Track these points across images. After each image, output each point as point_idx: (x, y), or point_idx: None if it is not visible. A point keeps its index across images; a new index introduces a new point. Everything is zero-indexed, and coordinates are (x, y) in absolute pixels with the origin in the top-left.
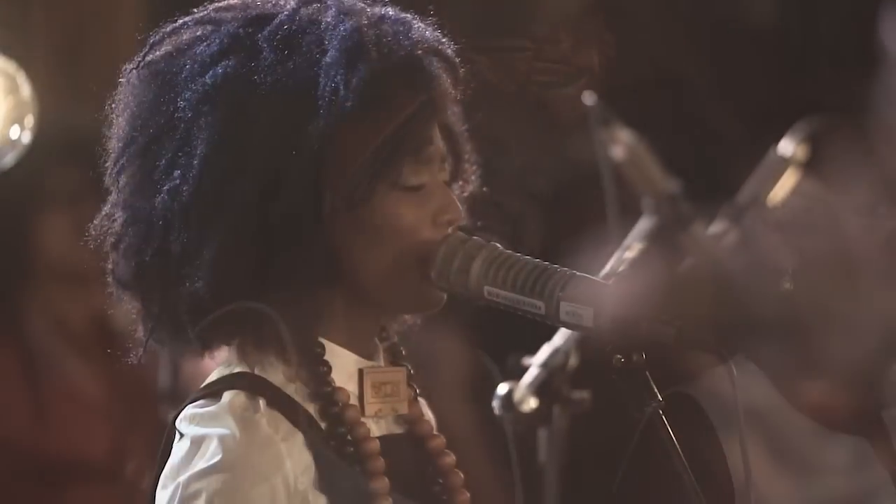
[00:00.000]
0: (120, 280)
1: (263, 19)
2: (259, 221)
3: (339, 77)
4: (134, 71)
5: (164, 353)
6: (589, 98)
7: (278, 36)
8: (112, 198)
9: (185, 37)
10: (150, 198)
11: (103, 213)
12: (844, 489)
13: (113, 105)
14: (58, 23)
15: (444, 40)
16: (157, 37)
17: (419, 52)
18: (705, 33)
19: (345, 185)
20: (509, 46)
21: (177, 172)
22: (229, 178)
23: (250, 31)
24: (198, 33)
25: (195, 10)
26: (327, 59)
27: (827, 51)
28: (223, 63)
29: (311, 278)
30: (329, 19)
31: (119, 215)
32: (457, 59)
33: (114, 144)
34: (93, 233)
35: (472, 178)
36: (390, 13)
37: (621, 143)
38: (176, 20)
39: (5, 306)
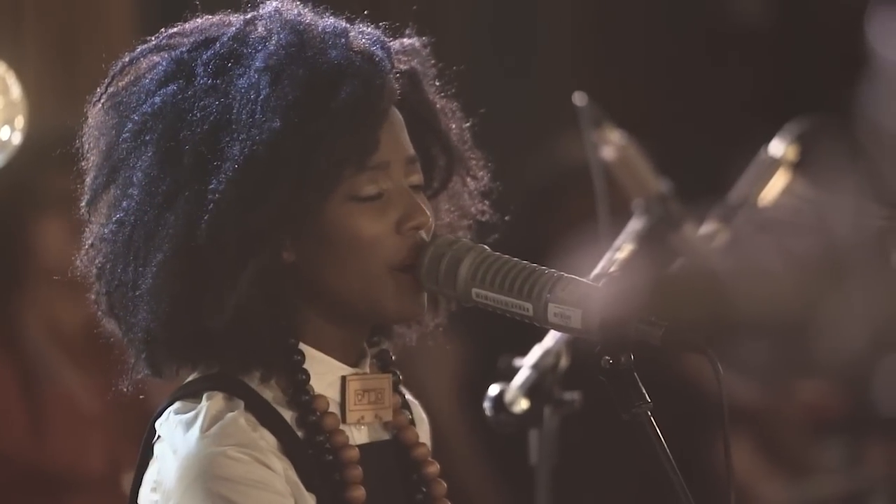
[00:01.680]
0: (101, 311)
1: (210, 42)
2: (188, 251)
3: (261, 94)
4: (98, 103)
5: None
6: (579, 99)
7: (214, 59)
8: (89, 230)
9: (143, 65)
10: (108, 231)
11: (84, 245)
12: (836, 488)
13: (83, 138)
14: (49, 23)
15: (384, 41)
16: (118, 67)
17: (350, 58)
18: (696, 34)
19: (268, 208)
20: None
21: (123, 203)
22: (164, 206)
23: (195, 55)
24: (154, 60)
25: (180, 16)
26: (243, 82)
27: (816, 52)
28: (161, 91)
29: (246, 303)
30: (259, 36)
31: (94, 246)
32: (399, 59)
33: (86, 178)
34: (79, 265)
35: (480, 172)
36: (327, 23)
37: (612, 144)
38: (136, 48)
39: (2, 313)
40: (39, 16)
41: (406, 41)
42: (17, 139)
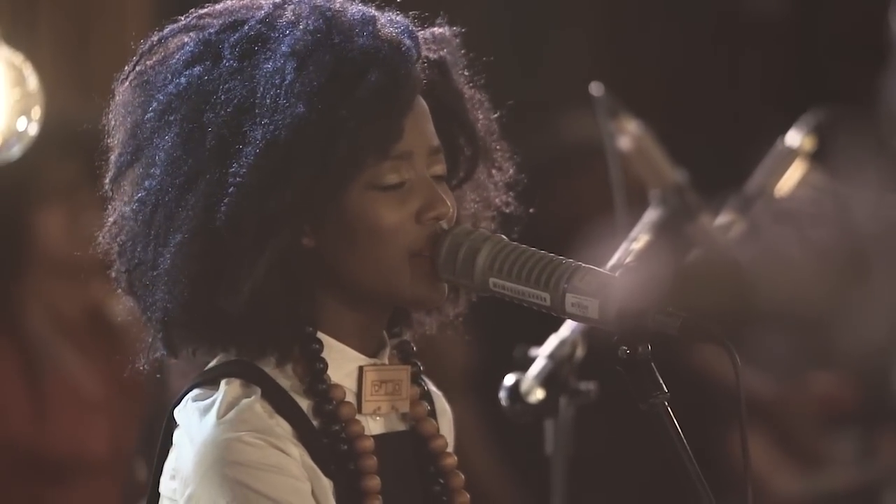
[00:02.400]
0: (121, 288)
1: (238, 24)
2: (207, 233)
3: (282, 81)
4: (126, 80)
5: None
6: (596, 89)
7: (241, 42)
8: (112, 207)
9: (171, 44)
10: (129, 209)
11: (109, 221)
12: (851, 480)
13: (110, 115)
14: (64, 14)
15: (412, 30)
16: (146, 45)
17: (377, 46)
18: (713, 23)
19: (287, 194)
20: None
21: (145, 183)
22: (185, 187)
23: (223, 36)
24: (183, 39)
25: (197, 6)
26: (269, 66)
27: (835, 42)
28: (187, 72)
29: (262, 288)
30: (287, 21)
31: (116, 223)
32: (428, 48)
33: (111, 156)
34: (101, 240)
35: (505, 164)
36: (356, 10)
37: (628, 134)
38: (164, 27)
39: (2, 299)
40: (55, 7)
41: (436, 30)
42: (33, 130)
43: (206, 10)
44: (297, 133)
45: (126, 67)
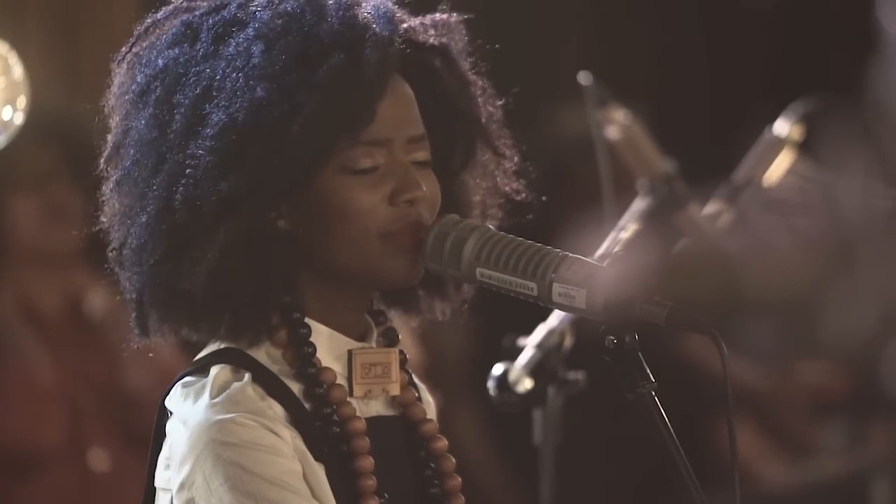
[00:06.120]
0: (113, 261)
1: (221, 8)
2: (168, 214)
3: (245, 64)
4: (122, 62)
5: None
6: (585, 78)
7: (218, 24)
8: (105, 187)
9: (165, 26)
10: (110, 189)
11: (101, 198)
12: (839, 469)
13: (108, 97)
14: (51, 2)
15: (393, 15)
16: (142, 27)
17: (345, 29)
18: (700, 12)
19: (261, 174)
20: None
21: (121, 164)
22: (153, 169)
23: (203, 19)
24: (175, 21)
25: None
26: (234, 49)
27: (822, 31)
28: (166, 53)
29: (220, 269)
30: (263, 3)
31: (109, 203)
32: (427, 33)
33: (108, 136)
34: (92, 219)
35: (508, 151)
36: None
37: (617, 123)
38: (160, 9)
39: None
40: None
41: (440, 16)
42: (18, 119)
43: None
44: (253, 116)
45: (122, 49)
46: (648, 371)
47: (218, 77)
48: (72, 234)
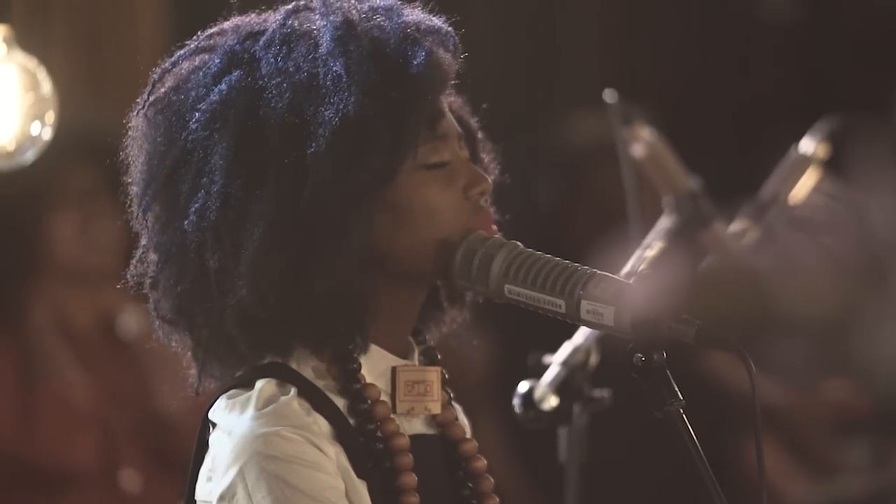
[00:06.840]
0: (164, 318)
1: (257, 34)
2: (289, 220)
3: (336, 64)
4: (141, 112)
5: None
6: (609, 96)
7: (274, 43)
8: (142, 241)
9: (184, 68)
10: (180, 227)
11: (136, 257)
12: (864, 488)
13: (127, 150)
14: (78, 18)
15: (435, 19)
16: (157, 75)
17: (410, 30)
18: (728, 30)
19: (366, 169)
20: None
21: (200, 193)
22: (252, 183)
23: (246, 45)
24: (196, 63)
25: (209, 12)
26: (322, 51)
27: (849, 49)
28: (226, 79)
29: (350, 267)
30: (317, 17)
31: (152, 256)
32: (452, 36)
33: (135, 188)
34: (129, 278)
35: (491, 165)
36: (377, 2)
37: (642, 141)
38: (172, 54)
39: (9, 305)
40: (68, 11)
41: (430, 23)
42: (47, 135)
43: (213, 31)
44: (363, 109)
45: (139, 99)
46: (676, 389)
47: (313, 79)
48: (109, 252)
